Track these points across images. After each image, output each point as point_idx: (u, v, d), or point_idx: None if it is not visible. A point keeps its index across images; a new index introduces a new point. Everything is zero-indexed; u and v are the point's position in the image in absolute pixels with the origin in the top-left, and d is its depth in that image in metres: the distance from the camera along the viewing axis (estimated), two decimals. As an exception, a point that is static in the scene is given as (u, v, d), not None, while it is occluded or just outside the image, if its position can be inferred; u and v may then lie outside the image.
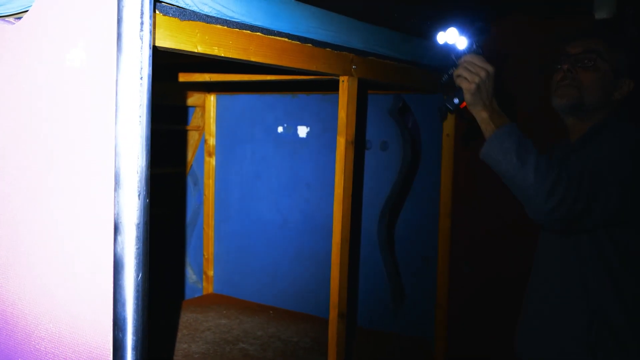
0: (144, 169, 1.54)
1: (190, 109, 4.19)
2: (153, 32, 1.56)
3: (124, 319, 1.55)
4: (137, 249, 1.54)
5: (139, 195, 1.53)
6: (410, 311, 3.47)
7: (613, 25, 3.04)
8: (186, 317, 3.64)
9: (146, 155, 1.54)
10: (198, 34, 1.81)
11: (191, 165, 4.28)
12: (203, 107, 4.12)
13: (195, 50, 1.81)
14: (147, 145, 1.54)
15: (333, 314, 2.60)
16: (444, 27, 1.77)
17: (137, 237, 1.54)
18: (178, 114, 4.25)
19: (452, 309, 3.34)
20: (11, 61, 1.75)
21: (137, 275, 1.55)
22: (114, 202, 1.53)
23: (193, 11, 1.78)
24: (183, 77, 3.04)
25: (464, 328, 3.31)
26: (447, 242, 3.29)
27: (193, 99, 4.06)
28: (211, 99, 4.08)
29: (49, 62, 1.64)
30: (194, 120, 4.17)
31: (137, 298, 1.55)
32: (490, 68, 1.65)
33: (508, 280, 3.10)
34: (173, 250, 4.40)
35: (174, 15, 1.72)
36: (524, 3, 2.79)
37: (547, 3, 2.74)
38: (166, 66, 3.06)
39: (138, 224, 1.54)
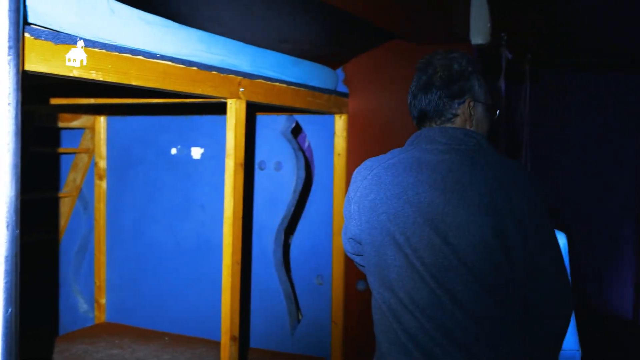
0: (14, 199, 1.48)
1: (79, 131, 4.04)
2: (22, 56, 1.50)
3: (-8, 358, 1.46)
4: (6, 282, 1.47)
5: (7, 227, 1.46)
6: (307, 330, 3.48)
7: (489, 51, 3.23)
8: (75, 349, 3.48)
9: (15, 184, 1.48)
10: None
11: (81, 188, 4.12)
12: (93, 128, 3.98)
13: (71, 75, 1.76)
14: (16, 174, 1.48)
15: (225, 338, 2.58)
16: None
17: (7, 270, 1.47)
18: (66, 136, 4.09)
19: (348, 327, 3.39)
20: None
21: (7, 311, 1.48)
22: (-19, 234, 1.45)
23: (68, 34, 1.73)
24: (67, 101, 2.93)
25: (361, 346, 3.36)
26: (341, 260, 3.35)
27: (82, 120, 3.92)
28: (101, 121, 3.96)
29: None
30: (83, 143, 4.03)
31: (6, 335, 1.48)
32: None
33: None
34: (60, 279, 4.21)
35: (46, 39, 1.67)
36: (405, 30, 2.91)
37: (428, 30, 2.87)
38: (49, 88, 2.96)
39: (7, 257, 1.47)
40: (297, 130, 3.66)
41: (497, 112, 1.82)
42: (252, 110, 3.42)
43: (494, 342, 1.52)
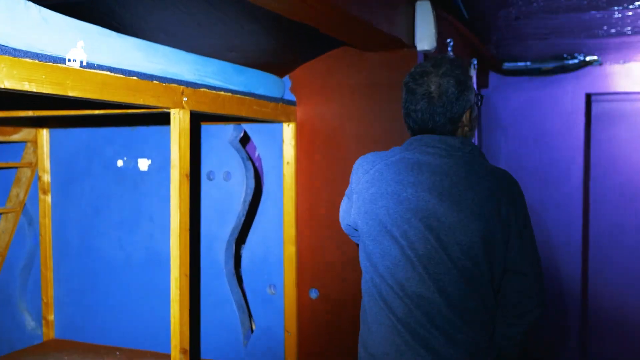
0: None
1: (21, 145, 3.93)
2: (-54, 68, 1.45)
3: None
4: None
5: None
6: (260, 341, 3.45)
7: (435, 54, 3.28)
8: (21, 369, 3.38)
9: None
10: (4, 69, 1.71)
11: (24, 204, 4.00)
12: (35, 142, 3.88)
13: (2, 86, 1.71)
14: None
15: (175, 352, 2.54)
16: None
17: None
18: (6, 149, 3.97)
19: (301, 336, 3.37)
20: None
21: None
22: None
23: (-3, 44, 1.68)
24: (4, 114, 2.84)
25: (315, 355, 3.36)
26: (292, 269, 3.34)
27: (23, 133, 3.81)
28: (43, 134, 3.86)
29: None
30: (25, 156, 3.91)
31: None
32: None
33: (355, 303, 3.19)
34: (5, 297, 4.08)
35: (-27, 49, 1.62)
36: (352, 38, 2.92)
37: (374, 39, 2.88)
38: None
39: None
40: (245, 140, 3.64)
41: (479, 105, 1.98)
42: (198, 119, 3.39)
43: (470, 330, 1.70)
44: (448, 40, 3.46)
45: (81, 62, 1.90)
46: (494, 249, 1.70)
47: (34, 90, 1.82)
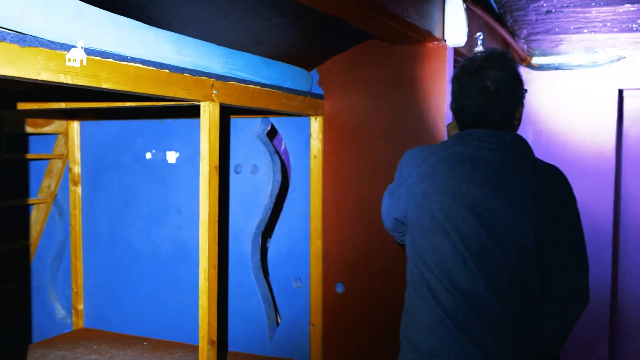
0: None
1: (52, 137, 3.99)
2: (-14, 59, 1.48)
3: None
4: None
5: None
6: (285, 334, 3.47)
7: (465, 51, 3.25)
8: (53, 356, 3.43)
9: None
10: (41, 61, 1.74)
11: (55, 195, 4.07)
12: (66, 134, 3.94)
13: (39, 78, 1.74)
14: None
15: (203, 342, 2.56)
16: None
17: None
18: (39, 141, 4.03)
19: (326, 329, 3.38)
20: None
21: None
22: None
23: (34, 37, 1.71)
24: (36, 105, 2.89)
25: (340, 349, 3.36)
26: (319, 263, 3.34)
27: (54, 126, 3.87)
28: (74, 126, 3.92)
29: None
30: (56, 148, 3.98)
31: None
32: None
33: (381, 298, 3.19)
34: (37, 286, 4.16)
35: (12, 41, 1.64)
36: (382, 31, 2.91)
37: (404, 32, 2.87)
38: (18, 93, 2.92)
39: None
40: (272, 133, 3.65)
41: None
42: (226, 113, 3.41)
43: (517, 327, 1.71)
44: (478, 34, 3.43)
45: (82, 62, 1.89)
46: (545, 246, 1.70)
47: (69, 82, 1.85)
